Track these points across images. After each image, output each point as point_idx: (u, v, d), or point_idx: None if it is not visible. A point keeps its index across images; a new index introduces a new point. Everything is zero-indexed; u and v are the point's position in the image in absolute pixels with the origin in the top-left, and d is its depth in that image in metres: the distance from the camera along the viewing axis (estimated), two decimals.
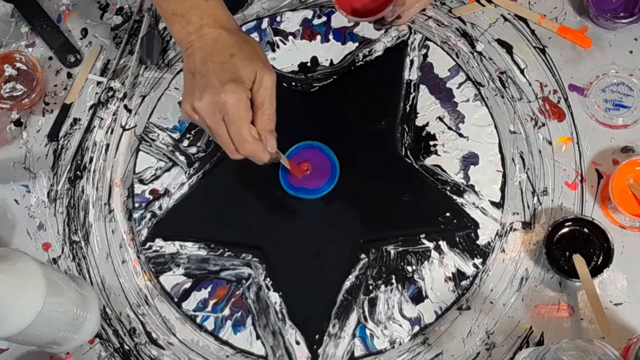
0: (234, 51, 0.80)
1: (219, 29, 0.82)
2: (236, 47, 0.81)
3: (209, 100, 0.79)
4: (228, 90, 0.78)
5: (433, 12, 1.04)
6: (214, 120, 0.80)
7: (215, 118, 0.79)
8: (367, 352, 0.93)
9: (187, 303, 0.97)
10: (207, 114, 0.79)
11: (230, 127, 0.80)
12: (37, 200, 1.04)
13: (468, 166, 0.98)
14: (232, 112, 0.78)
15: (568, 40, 1.01)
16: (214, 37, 0.81)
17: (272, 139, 0.83)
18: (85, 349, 0.98)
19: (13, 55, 1.07)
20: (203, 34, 0.81)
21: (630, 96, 0.98)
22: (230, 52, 0.80)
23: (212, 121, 0.80)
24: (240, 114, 0.79)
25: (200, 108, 0.79)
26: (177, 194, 1.01)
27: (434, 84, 1.01)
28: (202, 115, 0.80)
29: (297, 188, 0.97)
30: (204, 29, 0.81)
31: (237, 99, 0.78)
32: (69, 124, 1.07)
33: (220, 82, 0.78)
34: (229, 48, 0.80)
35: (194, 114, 0.81)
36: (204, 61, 0.80)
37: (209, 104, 0.79)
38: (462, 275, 0.94)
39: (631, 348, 0.83)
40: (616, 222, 0.95)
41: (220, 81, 0.78)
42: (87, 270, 1.01)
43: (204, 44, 0.81)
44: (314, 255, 0.97)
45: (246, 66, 0.80)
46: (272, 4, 1.08)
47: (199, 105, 0.79)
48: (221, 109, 0.79)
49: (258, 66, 0.80)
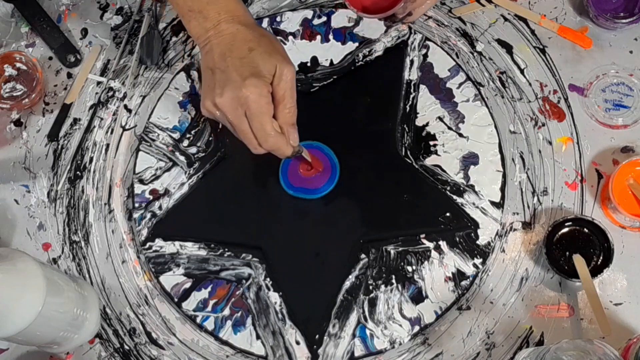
0: (253, 45, 0.80)
1: (237, 24, 0.82)
2: (255, 42, 0.81)
3: (230, 95, 0.79)
4: (249, 84, 0.78)
5: (433, 12, 1.04)
6: (236, 116, 0.80)
7: (237, 113, 0.79)
8: (367, 352, 0.93)
9: (187, 303, 0.97)
10: (229, 109, 0.79)
11: (253, 122, 0.79)
12: (37, 200, 1.04)
13: (468, 166, 0.98)
14: (254, 107, 0.78)
15: (568, 40, 1.01)
16: (232, 32, 0.81)
17: (294, 132, 0.83)
18: (85, 349, 0.98)
19: (13, 55, 1.07)
20: (221, 29, 0.81)
21: (630, 96, 0.98)
22: (249, 47, 0.80)
23: (234, 117, 0.80)
24: (262, 108, 0.79)
25: (221, 104, 0.79)
26: (177, 194, 1.01)
27: (434, 84, 1.01)
28: (224, 111, 0.80)
29: (297, 188, 0.97)
30: (222, 25, 0.81)
31: (258, 93, 0.78)
32: (69, 124, 1.07)
33: (241, 77, 0.78)
34: (248, 43, 0.80)
35: (216, 110, 0.81)
36: (222, 57, 0.80)
37: (230, 100, 0.79)
38: (462, 275, 0.94)
39: (631, 348, 0.83)
40: (616, 222, 0.95)
41: (241, 76, 0.78)
42: (87, 270, 1.01)
43: (222, 40, 0.81)
44: (314, 255, 0.97)
45: (265, 60, 0.79)
46: (272, 4, 1.08)
47: (220, 101, 0.79)
48: (243, 104, 0.79)
49: (277, 59, 0.80)
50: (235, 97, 0.78)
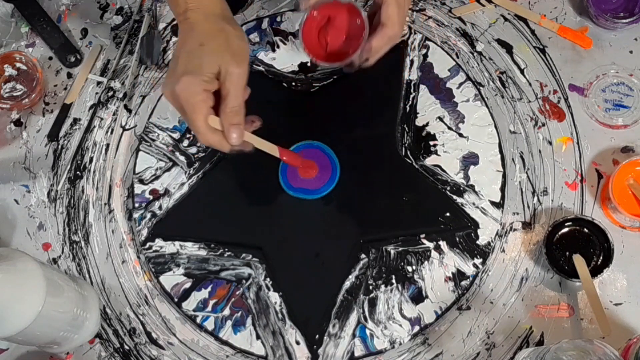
0: (205, 40, 0.81)
1: (200, 14, 0.82)
2: (209, 37, 0.81)
3: (169, 90, 0.80)
4: (183, 81, 0.78)
5: (433, 12, 1.04)
6: (176, 108, 0.81)
7: (177, 106, 0.81)
8: (367, 352, 0.93)
9: (187, 303, 0.97)
10: (171, 101, 0.81)
11: (185, 118, 0.81)
12: (37, 200, 1.04)
13: (468, 166, 0.98)
14: (185, 104, 0.79)
15: (568, 40, 1.01)
16: (192, 22, 0.82)
17: (236, 131, 0.82)
18: (85, 349, 0.98)
19: (13, 55, 1.07)
20: (187, 17, 0.82)
21: (630, 96, 0.98)
22: (201, 42, 0.80)
23: (176, 109, 0.81)
24: (193, 107, 0.79)
25: (165, 95, 0.81)
26: (177, 194, 1.01)
27: (434, 84, 1.01)
28: (169, 101, 0.81)
29: (296, 188, 0.97)
30: (188, 13, 0.82)
31: (190, 91, 0.79)
32: (69, 124, 1.07)
33: (180, 72, 0.79)
34: (201, 36, 0.81)
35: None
36: (179, 46, 0.82)
37: (169, 93, 0.80)
38: (462, 275, 0.94)
39: (631, 348, 0.83)
40: (616, 222, 0.95)
41: (180, 71, 0.79)
42: (87, 270, 1.01)
43: (184, 28, 0.82)
44: (314, 255, 0.97)
45: (211, 58, 0.80)
46: (272, 4, 1.08)
47: (165, 92, 0.81)
48: (177, 100, 0.80)
49: (224, 59, 0.80)
50: (172, 91, 0.79)
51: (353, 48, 0.88)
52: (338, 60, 0.90)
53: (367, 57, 0.89)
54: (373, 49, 0.88)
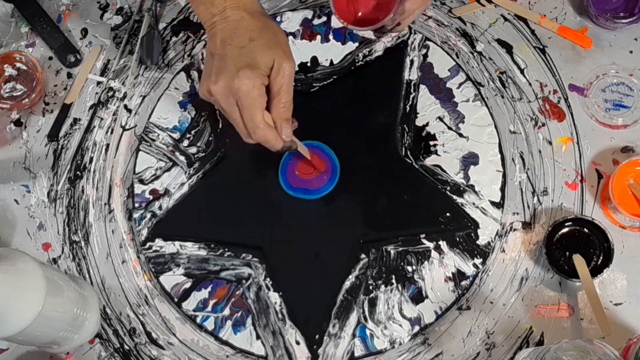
0: (254, 36, 0.80)
1: (242, 11, 0.82)
2: (257, 32, 0.81)
3: (223, 84, 0.79)
4: (242, 76, 0.78)
5: (433, 12, 1.04)
6: (227, 104, 0.80)
7: (229, 102, 0.80)
8: (367, 352, 0.93)
9: (187, 303, 0.97)
10: (222, 97, 0.80)
11: (243, 113, 0.80)
12: (37, 200, 1.04)
13: (468, 166, 0.98)
14: (244, 99, 0.79)
15: (568, 40, 1.01)
16: (236, 19, 0.81)
17: (287, 127, 0.83)
18: (85, 349, 0.98)
19: (13, 55, 1.07)
20: (226, 15, 0.81)
21: (630, 96, 0.98)
22: (250, 37, 0.80)
23: (226, 105, 0.80)
24: (253, 101, 0.79)
25: (215, 91, 0.80)
26: (177, 194, 1.01)
27: (434, 84, 1.01)
28: (217, 99, 0.80)
29: (296, 188, 0.97)
30: (227, 11, 0.81)
31: (251, 85, 0.78)
32: (69, 124, 1.07)
33: (236, 67, 0.78)
34: (250, 32, 0.80)
35: (210, 96, 0.82)
36: (223, 44, 0.80)
37: (223, 88, 0.79)
38: (462, 275, 0.94)
39: (631, 348, 0.83)
40: (616, 222, 0.95)
41: (236, 66, 0.78)
42: (87, 270, 1.01)
43: (225, 26, 0.81)
44: (314, 255, 0.97)
45: (264, 52, 0.79)
46: (272, 4, 1.08)
47: (214, 88, 0.80)
48: (234, 94, 0.79)
49: (277, 53, 0.80)
50: (228, 86, 0.79)
51: (384, 12, 0.87)
52: (369, 25, 0.88)
53: (399, 20, 0.88)
54: (407, 12, 0.87)
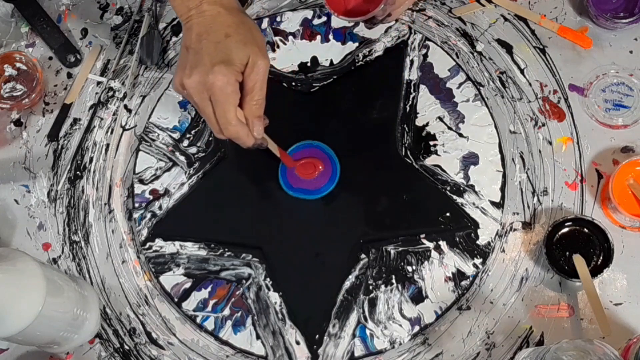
0: (230, 32, 0.80)
1: (219, 6, 0.82)
2: (233, 28, 0.81)
3: (197, 79, 0.79)
4: (217, 71, 0.78)
5: (433, 12, 1.04)
6: (200, 99, 0.80)
7: (202, 97, 0.80)
8: (367, 352, 0.93)
9: (187, 303, 0.97)
10: (195, 92, 0.80)
11: (216, 108, 0.80)
12: (37, 200, 1.04)
13: (468, 166, 0.98)
14: (218, 94, 0.79)
15: (568, 40, 1.01)
16: (212, 14, 0.81)
17: (259, 125, 0.83)
18: (85, 349, 0.98)
19: (13, 55, 1.07)
20: (202, 10, 0.81)
21: (630, 96, 0.98)
22: (226, 33, 0.80)
23: (199, 100, 0.80)
24: (227, 97, 0.79)
25: (188, 85, 0.80)
26: (177, 194, 1.01)
27: (434, 84, 1.01)
28: (190, 93, 0.81)
29: (296, 188, 0.97)
30: (204, 5, 0.81)
31: (225, 81, 0.78)
32: (69, 124, 1.07)
33: (211, 63, 0.78)
34: (226, 28, 0.80)
35: (183, 90, 0.82)
36: (199, 38, 0.80)
37: (196, 83, 0.79)
38: (462, 275, 0.94)
39: (631, 348, 0.83)
40: (616, 222, 0.95)
41: (211, 61, 0.79)
42: (87, 270, 1.01)
43: (201, 21, 0.81)
44: (314, 255, 0.97)
45: (240, 48, 0.80)
46: (272, 4, 1.08)
47: (188, 82, 0.80)
48: (208, 89, 0.79)
49: (252, 50, 0.80)
50: (202, 81, 0.79)
51: (375, 3, 0.87)
52: (359, 15, 0.88)
53: (390, 11, 0.88)
54: (397, 2, 0.87)
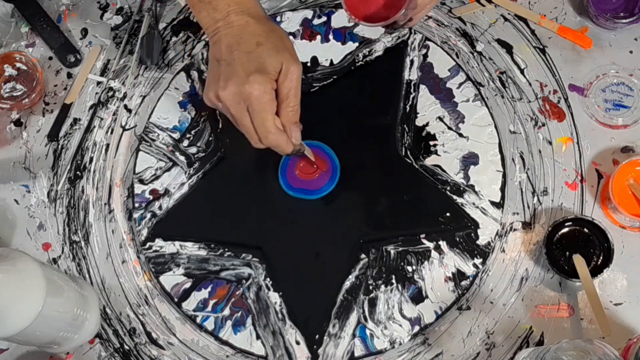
0: (261, 40, 0.80)
1: (247, 16, 0.81)
2: (263, 36, 0.80)
3: (233, 90, 0.78)
4: (253, 81, 0.77)
5: (433, 12, 1.04)
6: (237, 110, 0.80)
7: (240, 108, 0.79)
8: (367, 352, 0.93)
9: (187, 303, 0.97)
10: (232, 103, 0.79)
11: (255, 118, 0.79)
12: (37, 200, 1.04)
13: (468, 166, 0.98)
14: (256, 103, 0.78)
15: (568, 40, 1.01)
16: (241, 24, 0.81)
17: (297, 131, 0.82)
18: (85, 349, 0.98)
19: (13, 55, 1.07)
20: (230, 21, 0.81)
21: (630, 96, 0.98)
22: (258, 41, 0.79)
23: (236, 111, 0.80)
24: (265, 106, 0.79)
25: (224, 97, 0.79)
26: (177, 194, 1.01)
27: (434, 84, 1.01)
28: (226, 105, 0.80)
29: (296, 188, 0.97)
30: (231, 16, 0.81)
31: (261, 90, 0.78)
32: (69, 124, 1.07)
33: (246, 72, 0.78)
34: (256, 37, 0.80)
35: (218, 102, 0.81)
36: (230, 49, 0.80)
37: (233, 94, 0.79)
38: (462, 275, 0.94)
39: (631, 348, 0.83)
40: (616, 222, 0.95)
41: (246, 71, 0.78)
42: (87, 270, 1.01)
43: (230, 31, 0.80)
44: (314, 255, 0.97)
45: (272, 56, 0.79)
46: (272, 4, 1.08)
47: (223, 94, 0.79)
48: (245, 100, 0.78)
49: (285, 57, 0.79)
50: (239, 91, 0.78)
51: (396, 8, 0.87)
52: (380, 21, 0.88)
53: (411, 15, 0.88)
54: (418, 6, 0.87)
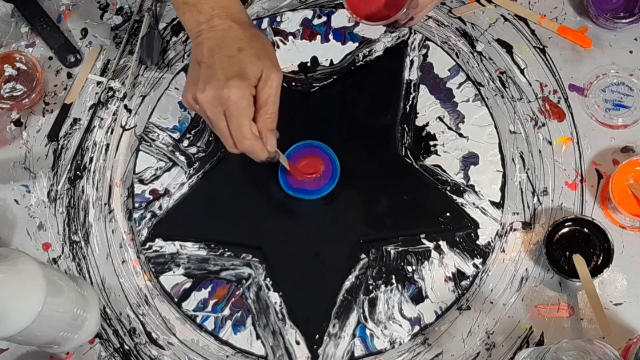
0: (243, 46, 0.80)
1: (230, 20, 0.81)
2: (246, 42, 0.80)
3: (211, 93, 0.79)
4: (232, 85, 0.78)
5: (433, 12, 1.04)
6: (214, 113, 0.80)
7: (217, 112, 0.79)
8: (367, 352, 0.93)
9: (187, 303, 0.97)
10: (209, 106, 0.79)
11: (231, 123, 0.80)
12: (37, 200, 1.04)
13: (468, 166, 0.98)
14: (233, 108, 0.78)
15: (568, 40, 1.01)
16: (224, 28, 0.81)
17: (272, 138, 0.83)
18: (85, 349, 0.98)
19: (13, 55, 1.07)
20: (214, 24, 0.81)
21: (630, 96, 0.98)
22: (240, 47, 0.80)
23: (213, 114, 0.80)
24: (242, 111, 0.79)
25: (202, 100, 0.79)
26: (177, 194, 1.01)
27: (434, 84, 1.01)
28: (204, 107, 0.80)
29: (296, 188, 0.97)
30: (215, 20, 0.81)
31: (240, 95, 0.78)
32: (69, 124, 1.07)
33: (225, 77, 0.78)
34: (239, 42, 0.80)
35: (195, 104, 0.81)
36: (211, 52, 0.80)
37: (211, 97, 0.79)
38: (462, 275, 0.94)
39: (631, 348, 0.83)
40: (616, 222, 0.95)
41: (226, 75, 0.78)
42: (87, 270, 1.01)
43: (213, 35, 0.81)
44: (314, 255, 0.97)
45: (253, 62, 0.79)
46: (272, 4, 1.08)
47: (201, 96, 0.79)
48: (223, 104, 0.79)
49: (265, 64, 0.80)
50: (217, 95, 0.78)
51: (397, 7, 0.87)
52: (381, 20, 0.88)
53: (412, 15, 0.88)
54: (419, 5, 0.87)
